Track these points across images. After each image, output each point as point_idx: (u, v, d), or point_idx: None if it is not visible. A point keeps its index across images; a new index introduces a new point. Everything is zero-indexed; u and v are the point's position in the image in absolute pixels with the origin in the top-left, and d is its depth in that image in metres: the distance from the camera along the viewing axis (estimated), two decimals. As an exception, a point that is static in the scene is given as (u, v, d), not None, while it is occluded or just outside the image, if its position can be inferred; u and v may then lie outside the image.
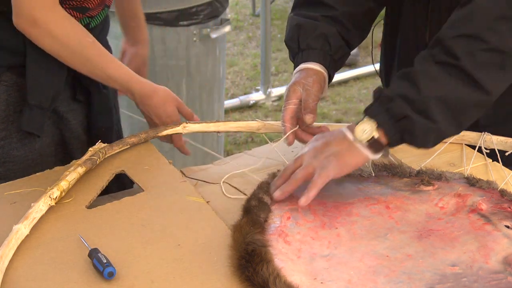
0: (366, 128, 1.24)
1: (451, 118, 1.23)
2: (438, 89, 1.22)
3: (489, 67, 1.22)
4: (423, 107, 1.21)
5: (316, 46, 1.44)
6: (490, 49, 1.21)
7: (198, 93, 2.83)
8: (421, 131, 1.22)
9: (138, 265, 1.14)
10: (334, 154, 1.24)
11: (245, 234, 1.15)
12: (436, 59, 1.23)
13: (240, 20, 5.12)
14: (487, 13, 1.22)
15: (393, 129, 1.23)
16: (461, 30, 1.23)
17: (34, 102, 1.45)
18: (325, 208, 1.28)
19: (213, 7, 2.73)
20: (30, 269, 1.13)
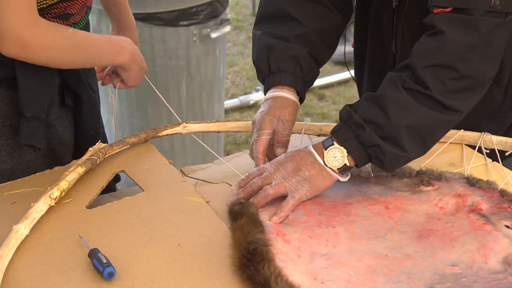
0: (336, 155, 1.25)
1: (420, 143, 1.26)
2: (408, 117, 1.23)
3: (458, 92, 1.25)
4: (393, 136, 1.23)
5: (288, 69, 1.41)
6: (460, 77, 1.24)
7: (198, 93, 2.83)
8: (390, 159, 1.25)
9: (138, 265, 1.14)
10: (307, 179, 1.25)
11: (247, 234, 1.15)
12: (405, 85, 1.24)
13: (240, 20, 5.12)
14: (459, 45, 1.23)
15: (363, 155, 1.26)
16: (433, 60, 1.24)
17: (30, 113, 1.42)
18: (322, 208, 1.28)
19: (213, 7, 2.73)
20: (30, 269, 1.13)
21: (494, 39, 1.24)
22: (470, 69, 1.24)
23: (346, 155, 1.25)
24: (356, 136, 1.24)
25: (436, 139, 1.31)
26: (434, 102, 1.24)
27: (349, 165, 1.26)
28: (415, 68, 1.25)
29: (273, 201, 1.27)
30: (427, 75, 1.23)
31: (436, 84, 1.23)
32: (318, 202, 1.29)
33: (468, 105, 1.28)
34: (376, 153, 1.25)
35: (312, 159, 1.26)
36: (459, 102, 1.25)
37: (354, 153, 1.25)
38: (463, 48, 1.23)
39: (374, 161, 1.27)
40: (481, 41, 1.23)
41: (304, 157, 1.27)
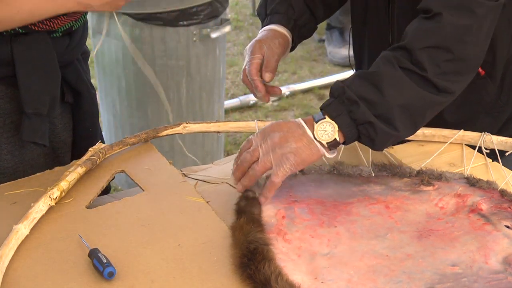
0: (327, 129, 1.23)
1: (410, 123, 1.25)
2: (402, 96, 1.23)
3: (451, 74, 1.25)
4: (386, 115, 1.22)
5: (281, 10, 1.48)
6: (454, 59, 1.24)
7: (198, 93, 2.83)
8: (382, 137, 1.24)
9: (138, 265, 1.14)
10: (292, 152, 1.23)
11: (247, 233, 1.15)
12: (401, 64, 1.24)
13: (240, 20, 5.12)
14: (456, 27, 1.24)
15: (353, 132, 1.24)
16: (431, 42, 1.24)
17: (31, 110, 1.42)
18: (324, 207, 1.28)
19: (213, 7, 2.73)
20: (30, 269, 1.13)
21: (485, 22, 1.26)
22: (465, 52, 1.25)
23: (337, 130, 1.23)
24: (349, 112, 1.22)
25: (426, 120, 1.29)
26: (428, 83, 1.24)
27: (338, 140, 1.24)
28: (412, 49, 1.24)
29: (278, 194, 1.27)
30: (424, 56, 1.23)
31: (432, 66, 1.23)
32: (320, 202, 1.29)
33: (459, 87, 1.29)
34: (367, 131, 1.23)
35: (300, 131, 1.24)
36: (451, 84, 1.25)
37: (346, 129, 1.23)
38: (461, 30, 1.24)
39: (363, 140, 1.25)
40: (476, 24, 1.24)
41: (292, 128, 1.25)
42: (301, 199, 1.30)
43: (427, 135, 1.54)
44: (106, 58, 2.74)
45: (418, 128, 1.30)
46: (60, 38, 1.49)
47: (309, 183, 1.36)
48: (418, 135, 1.55)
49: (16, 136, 1.47)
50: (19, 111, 1.45)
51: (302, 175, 1.38)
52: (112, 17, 2.57)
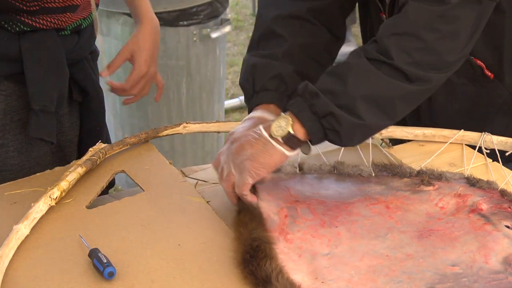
0: (281, 124, 1.19)
1: (378, 113, 1.19)
2: (366, 86, 1.18)
3: (425, 65, 1.19)
4: (349, 104, 1.17)
5: (271, 87, 1.34)
6: (426, 48, 1.19)
7: (198, 93, 2.83)
8: (347, 128, 1.18)
9: (138, 265, 1.14)
10: (249, 158, 1.19)
11: (251, 230, 1.15)
12: (368, 55, 1.20)
13: (241, 20, 5.12)
14: (423, 11, 1.19)
15: (317, 127, 1.19)
16: (397, 28, 1.20)
17: (38, 106, 1.42)
18: (326, 207, 1.28)
19: (213, 7, 2.73)
20: (30, 269, 1.13)
21: (461, 14, 1.19)
22: (438, 41, 1.19)
23: (291, 123, 1.19)
24: (310, 106, 1.18)
25: (401, 110, 1.23)
26: (396, 72, 1.18)
27: (293, 133, 1.18)
28: (379, 38, 1.21)
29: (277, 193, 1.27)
30: (390, 44, 1.19)
31: (399, 53, 1.18)
32: (322, 202, 1.29)
33: (437, 78, 1.22)
34: (331, 124, 1.18)
35: (256, 134, 1.20)
36: (425, 74, 1.20)
37: (308, 123, 1.18)
38: (428, 15, 1.18)
39: (329, 135, 1.20)
40: (448, 13, 1.18)
41: (249, 135, 1.21)
42: (303, 199, 1.30)
43: (427, 135, 1.54)
44: (107, 58, 2.74)
45: (393, 119, 1.24)
46: (68, 36, 1.49)
47: (309, 183, 1.36)
48: (418, 135, 1.55)
49: (23, 134, 1.47)
50: (27, 109, 1.45)
51: (301, 174, 1.38)
52: (113, 17, 2.57)
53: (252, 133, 1.21)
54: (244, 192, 1.21)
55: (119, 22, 2.61)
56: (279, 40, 1.39)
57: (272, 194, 1.27)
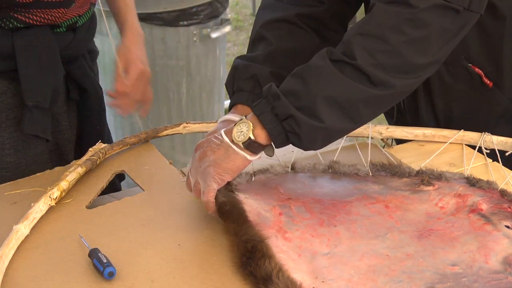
0: (243, 129, 1.18)
1: (341, 116, 1.16)
2: (328, 87, 1.15)
3: (390, 69, 1.16)
4: (309, 106, 1.15)
5: (246, 88, 1.36)
6: (391, 51, 1.15)
7: (198, 93, 2.83)
8: (307, 131, 1.16)
9: (138, 265, 1.14)
10: (211, 164, 1.18)
11: (237, 233, 1.15)
12: (333, 56, 1.18)
13: (241, 20, 5.12)
14: (389, 12, 1.16)
15: (278, 129, 1.17)
16: (361, 29, 1.17)
17: (32, 102, 1.42)
18: (322, 206, 1.28)
19: (213, 7, 2.73)
20: (30, 269, 1.13)
21: (432, 21, 1.15)
22: (403, 45, 1.15)
23: (252, 128, 1.17)
24: (272, 108, 1.16)
25: (365, 114, 1.19)
26: (359, 73, 1.15)
27: (254, 139, 1.17)
28: (345, 39, 1.19)
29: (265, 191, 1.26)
30: (354, 44, 1.15)
31: (362, 54, 1.15)
32: (318, 200, 1.29)
33: (401, 84, 1.17)
34: (291, 126, 1.15)
35: (218, 141, 1.19)
36: (390, 78, 1.16)
37: (269, 126, 1.16)
38: (395, 18, 1.15)
39: (291, 138, 1.17)
40: (416, 17, 1.14)
41: (211, 141, 1.20)
42: (295, 196, 1.30)
43: (427, 135, 1.54)
44: (106, 58, 2.74)
45: (357, 123, 1.20)
46: (64, 33, 1.49)
47: (301, 181, 1.35)
48: (418, 135, 1.55)
49: (19, 131, 1.47)
50: (22, 106, 1.45)
51: (293, 173, 1.38)
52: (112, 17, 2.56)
53: (213, 139, 1.20)
54: (209, 199, 1.20)
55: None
56: (265, 44, 1.41)
57: (260, 193, 1.27)
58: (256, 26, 1.45)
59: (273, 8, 1.44)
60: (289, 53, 1.40)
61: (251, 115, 1.19)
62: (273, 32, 1.41)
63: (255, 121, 1.18)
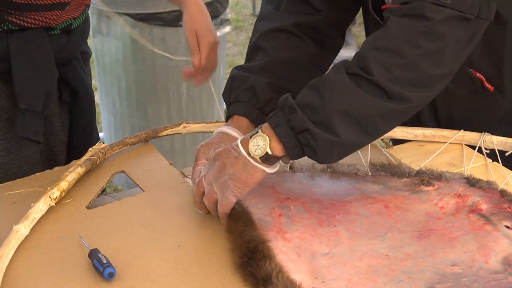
0: (259, 143, 1.17)
1: (357, 130, 1.16)
2: (344, 101, 1.15)
3: (405, 83, 1.16)
4: (325, 120, 1.15)
5: (243, 99, 1.37)
6: (406, 65, 1.15)
7: (198, 93, 2.83)
8: (322, 145, 1.16)
9: (138, 265, 1.14)
10: (231, 178, 1.19)
11: (241, 233, 1.15)
12: (349, 69, 1.17)
13: (240, 20, 5.12)
14: (404, 26, 1.16)
15: (293, 142, 1.17)
16: (377, 43, 1.17)
17: (25, 106, 1.41)
18: (321, 206, 1.28)
19: (213, 7, 2.73)
20: (30, 269, 1.13)
21: (447, 33, 1.15)
22: (419, 58, 1.15)
23: (269, 142, 1.17)
24: (288, 121, 1.16)
25: (381, 128, 1.20)
26: (376, 88, 1.15)
27: (272, 153, 1.17)
28: (360, 54, 1.19)
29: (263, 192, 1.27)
30: (370, 59, 1.15)
31: (379, 69, 1.15)
32: (316, 200, 1.29)
33: (417, 97, 1.18)
34: (307, 140, 1.15)
35: (236, 153, 1.19)
36: (406, 92, 1.16)
37: (284, 139, 1.16)
38: (410, 31, 1.15)
39: (306, 151, 1.17)
40: (432, 30, 1.15)
41: (229, 153, 1.20)
42: (294, 196, 1.30)
43: (427, 135, 1.55)
44: (106, 58, 2.75)
45: (373, 136, 1.21)
46: (58, 36, 1.49)
47: (299, 181, 1.35)
48: (418, 135, 1.55)
49: (12, 132, 1.47)
50: (15, 108, 1.45)
51: (291, 173, 1.38)
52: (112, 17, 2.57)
53: (232, 151, 1.20)
54: (226, 211, 1.21)
55: (119, 22, 2.61)
56: (262, 54, 1.41)
57: (258, 195, 1.27)
58: (254, 37, 1.45)
59: (271, 18, 1.44)
60: (286, 63, 1.40)
61: (267, 126, 1.18)
62: (270, 42, 1.41)
63: (271, 134, 1.17)
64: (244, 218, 1.19)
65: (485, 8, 1.18)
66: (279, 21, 1.43)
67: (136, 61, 2.68)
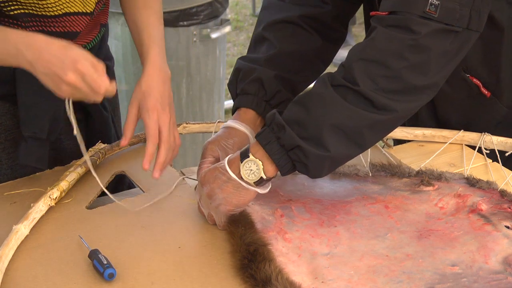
0: (252, 168, 1.17)
1: (347, 143, 1.17)
2: (332, 115, 1.15)
3: (391, 93, 1.16)
4: (315, 136, 1.15)
5: (250, 91, 1.36)
6: (393, 77, 1.15)
7: (198, 93, 2.83)
8: (314, 161, 1.16)
9: (138, 266, 1.14)
10: (222, 203, 1.20)
11: (241, 236, 1.15)
12: (335, 81, 1.17)
13: (240, 20, 5.12)
14: (391, 39, 1.16)
15: (284, 159, 1.17)
16: (363, 54, 1.17)
17: (28, 133, 1.37)
18: (322, 206, 1.28)
19: (213, 8, 2.73)
20: (30, 269, 1.13)
21: (433, 46, 1.15)
22: (404, 70, 1.15)
23: (262, 167, 1.16)
24: (277, 139, 1.16)
25: (370, 139, 1.20)
26: (362, 99, 1.15)
27: (266, 177, 1.17)
28: (345, 64, 1.18)
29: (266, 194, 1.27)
30: (355, 70, 1.15)
31: (365, 79, 1.15)
32: (317, 201, 1.29)
33: (403, 107, 1.18)
34: (298, 157, 1.16)
35: (225, 177, 1.19)
36: (392, 102, 1.16)
37: (276, 157, 1.17)
38: (396, 44, 1.15)
39: (298, 167, 1.18)
40: (417, 43, 1.15)
41: (217, 177, 1.19)
42: (296, 197, 1.30)
43: (427, 135, 1.55)
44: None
45: (362, 147, 1.20)
46: None
47: (300, 182, 1.35)
48: (418, 136, 1.55)
49: (17, 152, 1.44)
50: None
51: (292, 174, 1.37)
52: (113, 17, 2.56)
53: (219, 174, 1.20)
54: (225, 228, 1.22)
55: (119, 22, 2.61)
56: (268, 45, 1.40)
57: (262, 198, 1.27)
58: (259, 27, 1.44)
59: (276, 8, 1.44)
60: (292, 55, 1.40)
61: (256, 147, 1.18)
62: (275, 33, 1.41)
63: (262, 156, 1.17)
64: (245, 222, 1.19)
65: (476, 19, 1.18)
66: (285, 12, 1.42)
67: (136, 61, 2.67)
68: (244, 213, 1.21)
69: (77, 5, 1.36)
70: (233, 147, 1.31)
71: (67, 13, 1.35)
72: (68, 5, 1.34)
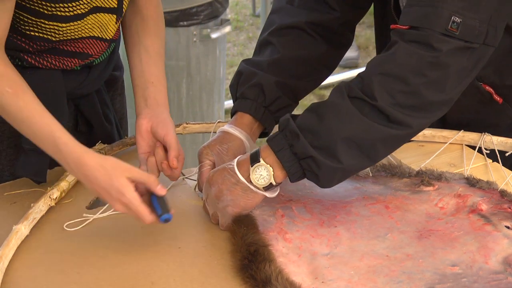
0: (262, 173, 1.17)
1: (359, 156, 1.16)
2: (347, 127, 1.15)
3: (408, 108, 1.16)
4: (328, 147, 1.15)
5: (250, 96, 1.36)
6: (410, 92, 1.15)
7: (198, 93, 2.83)
8: (325, 172, 1.16)
9: (138, 266, 1.14)
10: (229, 204, 1.20)
11: (243, 236, 1.15)
12: (351, 93, 1.16)
13: (240, 20, 5.12)
14: (411, 54, 1.15)
15: (295, 167, 1.17)
16: (383, 69, 1.16)
17: (28, 146, 1.33)
18: (323, 206, 1.28)
19: (213, 8, 2.73)
20: (30, 269, 1.13)
21: (452, 63, 1.16)
22: (423, 86, 1.15)
23: (272, 173, 1.17)
24: (290, 146, 1.16)
25: (382, 153, 1.20)
26: (378, 113, 1.15)
27: (275, 183, 1.18)
28: (364, 77, 1.18)
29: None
30: (374, 84, 1.15)
31: (383, 94, 1.15)
32: (318, 201, 1.29)
33: (418, 123, 1.18)
34: (310, 166, 1.16)
35: (234, 180, 1.19)
36: (407, 118, 1.16)
37: (287, 164, 1.16)
38: (418, 60, 1.15)
39: (308, 176, 1.18)
40: (438, 60, 1.15)
41: (226, 178, 1.19)
42: (296, 198, 1.30)
43: (427, 136, 1.54)
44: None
45: (374, 160, 1.21)
46: (76, 71, 1.42)
47: (301, 183, 1.35)
48: (418, 136, 1.54)
49: None
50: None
51: None
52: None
53: (228, 175, 1.20)
54: (228, 229, 1.22)
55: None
56: (272, 50, 1.40)
57: (263, 199, 1.27)
58: (265, 32, 1.44)
59: (284, 13, 1.44)
60: (295, 60, 1.40)
61: (267, 151, 1.18)
62: (279, 38, 1.41)
63: (273, 161, 1.17)
64: (247, 222, 1.19)
65: (492, 35, 1.18)
66: (292, 17, 1.42)
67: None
68: (248, 214, 1.22)
69: (95, 31, 1.35)
70: (227, 152, 1.32)
71: (83, 37, 1.35)
72: (86, 31, 1.33)
